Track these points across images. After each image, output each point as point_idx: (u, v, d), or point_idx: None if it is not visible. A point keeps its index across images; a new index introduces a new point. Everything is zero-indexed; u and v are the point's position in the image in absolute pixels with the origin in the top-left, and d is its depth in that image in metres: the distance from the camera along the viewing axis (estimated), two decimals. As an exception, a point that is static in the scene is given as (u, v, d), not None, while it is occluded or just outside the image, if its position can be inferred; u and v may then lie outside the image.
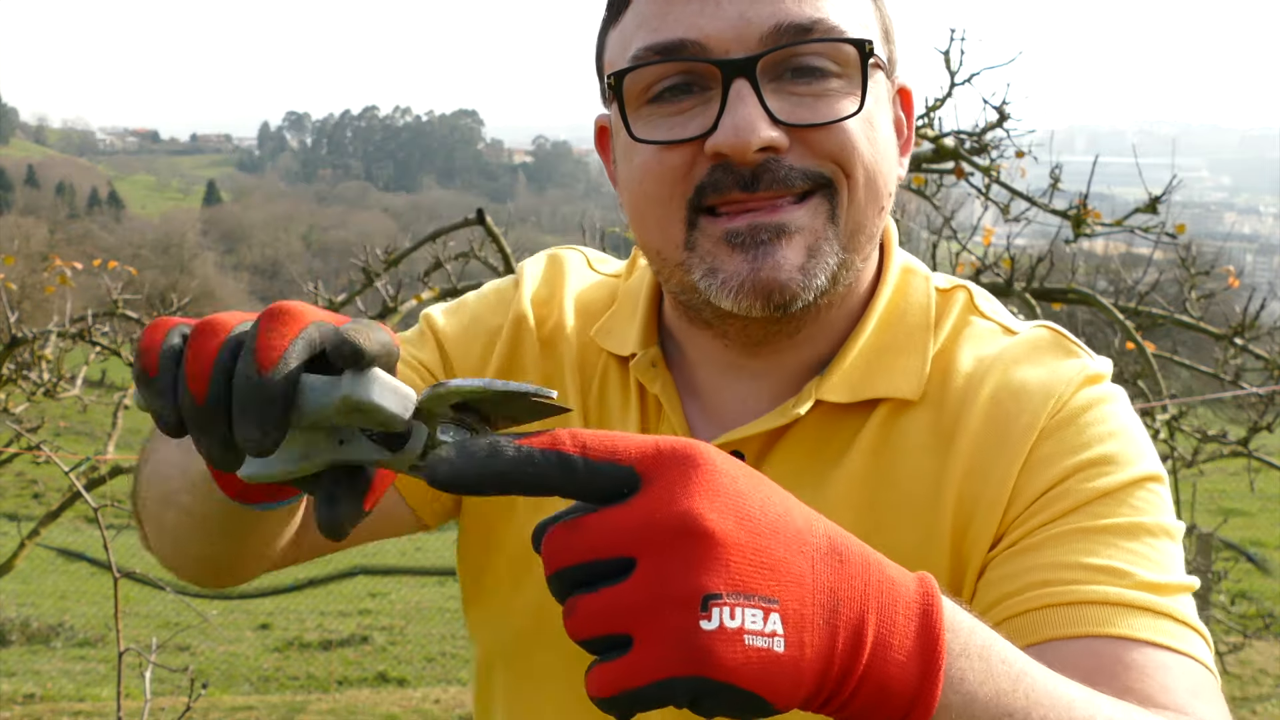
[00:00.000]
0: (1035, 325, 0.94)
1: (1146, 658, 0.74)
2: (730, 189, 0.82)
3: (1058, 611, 0.76)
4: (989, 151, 4.05)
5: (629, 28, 0.86)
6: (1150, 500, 0.82)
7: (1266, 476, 5.27)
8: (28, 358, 4.53)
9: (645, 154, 0.84)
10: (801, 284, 0.82)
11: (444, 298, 4.61)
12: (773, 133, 0.80)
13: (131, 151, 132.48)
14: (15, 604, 9.36)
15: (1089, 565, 0.77)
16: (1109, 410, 0.86)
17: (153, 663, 2.24)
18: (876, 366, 0.89)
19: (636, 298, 0.98)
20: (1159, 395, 4.28)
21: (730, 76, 0.80)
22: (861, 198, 0.84)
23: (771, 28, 0.81)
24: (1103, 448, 0.83)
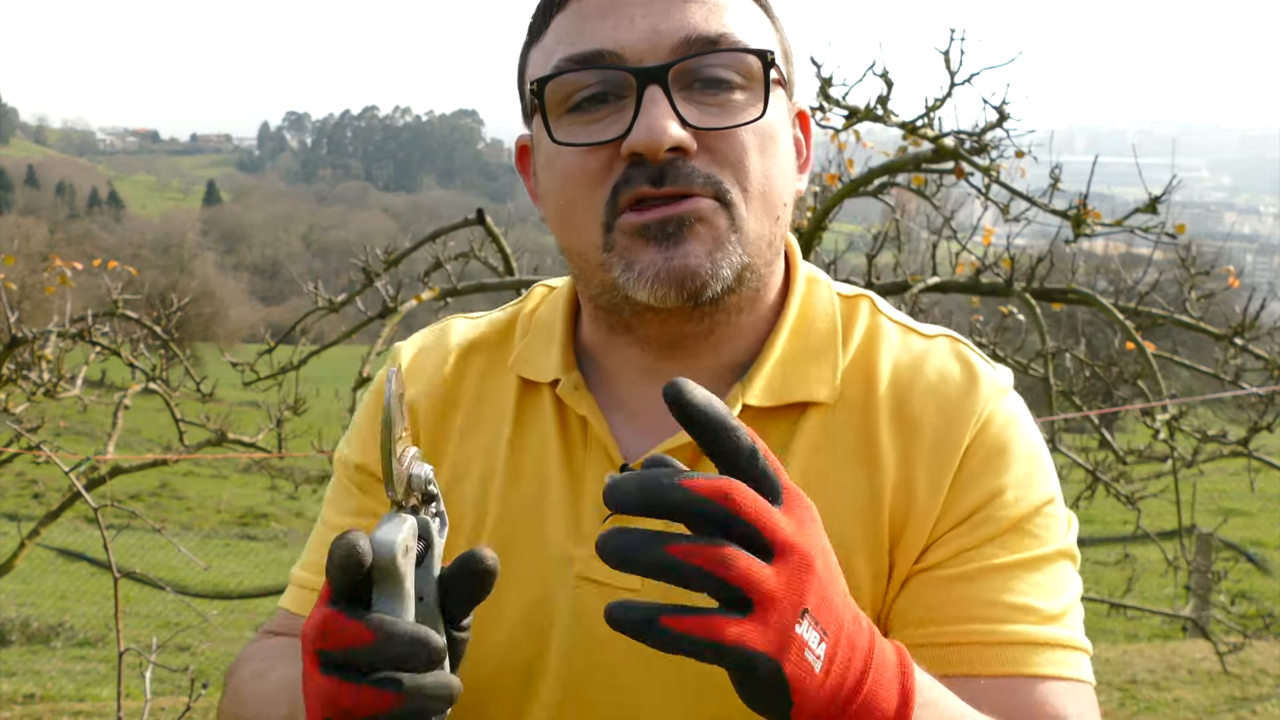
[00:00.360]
0: (939, 333, 1.01)
1: (1051, 692, 0.87)
2: (640, 183, 0.87)
3: (984, 650, 0.88)
4: (989, 151, 4.05)
5: (549, 44, 0.92)
6: (1051, 525, 0.93)
7: (1266, 476, 5.27)
8: (28, 358, 4.52)
9: (566, 159, 0.91)
10: (710, 271, 0.88)
11: (444, 298, 4.61)
12: (682, 133, 0.87)
13: (131, 151, 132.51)
14: (15, 604, 9.35)
15: (1008, 604, 0.88)
16: (1022, 432, 0.95)
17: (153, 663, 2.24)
18: (793, 372, 0.96)
19: (551, 325, 1.04)
20: (1159, 395, 4.28)
21: (644, 83, 0.87)
22: (758, 207, 0.91)
23: (681, 39, 0.88)
24: (1019, 474, 0.92)
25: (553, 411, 1.00)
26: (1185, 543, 4.82)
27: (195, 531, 13.44)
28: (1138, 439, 6.33)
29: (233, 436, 4.68)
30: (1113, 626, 8.88)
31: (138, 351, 4.80)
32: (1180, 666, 6.94)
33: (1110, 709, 6.19)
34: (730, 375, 0.97)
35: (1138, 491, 4.80)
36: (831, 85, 4.01)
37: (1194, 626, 6.79)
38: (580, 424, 0.99)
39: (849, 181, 4.41)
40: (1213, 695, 6.32)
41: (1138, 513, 4.72)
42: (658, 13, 0.89)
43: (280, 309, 37.03)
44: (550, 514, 0.97)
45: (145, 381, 4.71)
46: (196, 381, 4.86)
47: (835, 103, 4.04)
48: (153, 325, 4.68)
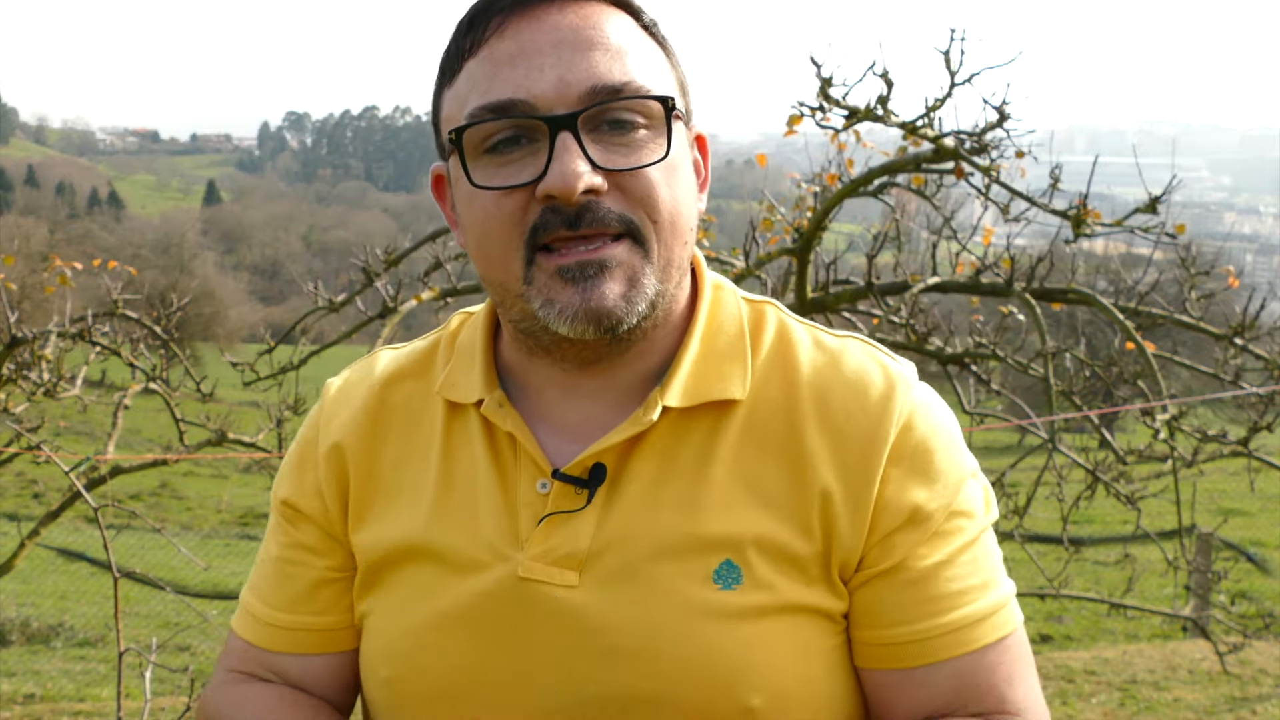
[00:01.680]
0: (846, 334, 1.09)
1: (998, 655, 1.01)
2: (558, 227, 0.94)
3: (942, 639, 0.99)
4: (989, 151, 4.04)
5: (462, 89, 0.98)
6: (973, 499, 1.03)
7: (1266, 476, 5.26)
8: (28, 358, 4.52)
9: (485, 200, 0.97)
10: (625, 310, 0.95)
11: (444, 298, 4.61)
12: (595, 179, 0.93)
13: (131, 151, 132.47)
14: (15, 604, 9.35)
15: (955, 591, 1.00)
16: (939, 424, 1.03)
17: (153, 663, 2.24)
18: (706, 373, 1.02)
19: (471, 349, 1.09)
20: (1159, 395, 4.28)
21: (556, 130, 0.93)
22: (667, 236, 0.97)
23: (588, 89, 0.94)
24: (943, 468, 1.01)
25: (480, 430, 1.06)
26: (1185, 543, 4.81)
27: (195, 531, 13.44)
28: (1138, 439, 6.33)
29: (233, 436, 4.68)
30: (1113, 626, 8.88)
31: (138, 351, 4.79)
32: (1180, 666, 6.94)
33: (1110, 709, 6.19)
34: (646, 384, 1.03)
35: (1138, 491, 4.79)
36: (831, 85, 4.00)
37: (1194, 626, 6.79)
38: (508, 438, 1.05)
39: (849, 181, 4.40)
40: (1213, 695, 6.32)
41: (1138, 513, 4.72)
42: (564, 62, 0.94)
43: (280, 309, 37.03)
44: (484, 524, 1.03)
45: (145, 381, 4.71)
46: (196, 381, 4.85)
47: (835, 103, 4.03)
48: (153, 325, 4.67)
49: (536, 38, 0.95)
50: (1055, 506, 4.99)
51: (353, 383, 1.15)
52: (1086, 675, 6.81)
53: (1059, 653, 7.94)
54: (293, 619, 1.11)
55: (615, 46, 0.96)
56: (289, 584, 1.12)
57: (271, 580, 1.13)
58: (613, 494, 1.00)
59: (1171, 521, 4.69)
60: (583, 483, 1.00)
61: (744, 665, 0.96)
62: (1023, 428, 5.13)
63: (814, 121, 4.14)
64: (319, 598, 1.11)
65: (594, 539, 0.99)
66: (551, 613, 0.98)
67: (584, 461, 1.00)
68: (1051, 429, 4.29)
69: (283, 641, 1.12)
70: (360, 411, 1.12)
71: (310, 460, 1.13)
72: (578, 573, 0.99)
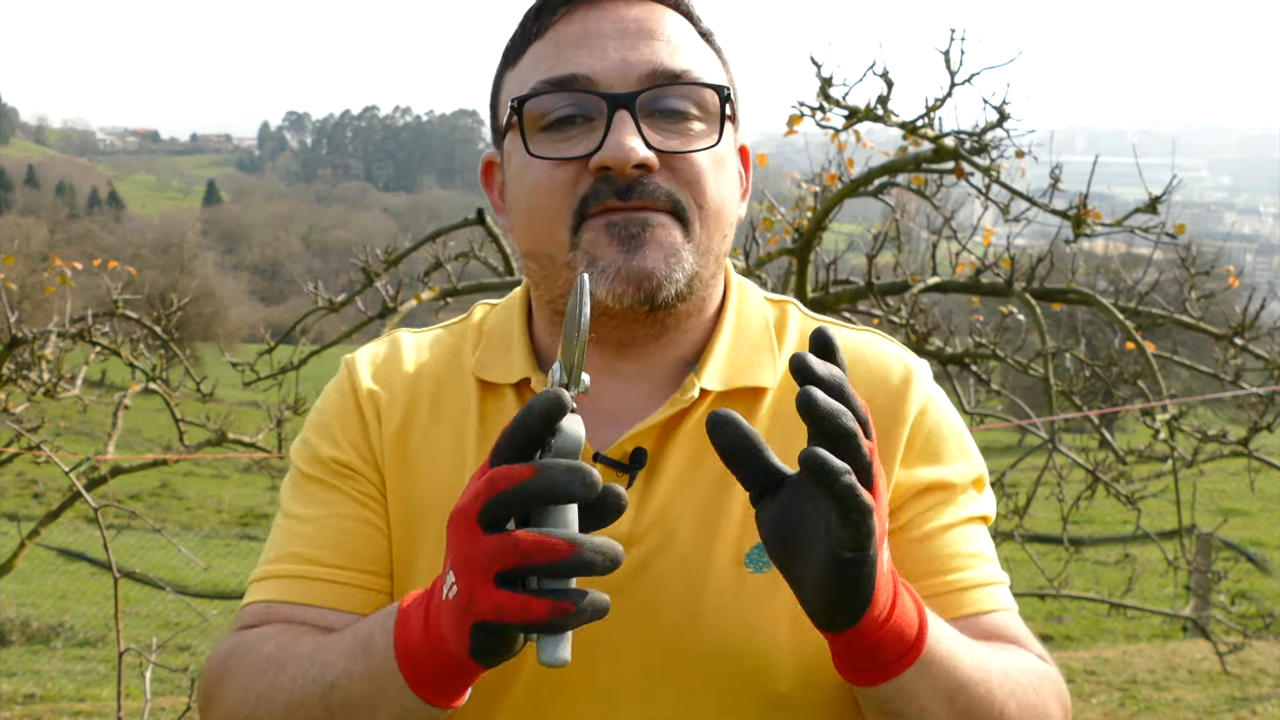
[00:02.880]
0: (865, 329, 1.14)
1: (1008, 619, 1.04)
2: (608, 197, 0.97)
3: (957, 596, 1.02)
4: (989, 151, 4.04)
5: (525, 69, 1.02)
6: (979, 497, 1.09)
7: (1266, 476, 5.26)
8: (28, 358, 4.52)
9: (539, 171, 1.00)
10: (665, 274, 0.98)
11: (444, 298, 4.61)
12: (648, 152, 0.97)
13: (131, 151, 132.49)
14: (15, 604, 9.35)
15: (966, 553, 1.04)
16: (952, 417, 1.09)
17: (153, 663, 2.24)
18: (737, 361, 1.07)
19: (507, 331, 1.11)
20: (1159, 395, 4.28)
21: (614, 107, 0.97)
22: (711, 223, 1.01)
23: (648, 72, 0.98)
24: (955, 454, 1.07)
25: (517, 409, 1.04)
26: (1185, 543, 4.81)
27: (195, 531, 13.44)
28: (1138, 439, 6.33)
29: (233, 436, 4.68)
30: (1113, 626, 8.88)
31: (138, 351, 4.79)
32: (1180, 666, 6.94)
33: (1110, 709, 6.19)
34: (680, 368, 1.07)
35: (1138, 491, 4.79)
36: (831, 85, 4.00)
37: (1194, 626, 6.78)
38: None
39: (849, 181, 4.41)
40: (1213, 695, 6.32)
41: (1138, 513, 4.72)
42: (628, 46, 0.99)
43: (280, 309, 37.02)
44: None
45: (145, 381, 4.71)
46: (196, 381, 4.85)
47: (835, 103, 4.03)
48: (153, 325, 4.67)
49: (602, 25, 1.00)
50: (1055, 506, 4.99)
51: (378, 353, 1.15)
52: (1086, 675, 6.81)
53: (1059, 653, 7.94)
54: (325, 570, 1.04)
55: (676, 40, 1.01)
56: (324, 535, 1.06)
57: (298, 536, 1.07)
58: (651, 478, 1.02)
59: (1171, 521, 4.69)
60: (623, 467, 1.02)
61: (771, 649, 0.98)
62: (1023, 428, 5.13)
63: (814, 121, 4.15)
64: (362, 548, 1.05)
65: (634, 522, 1.00)
66: None
67: (624, 445, 1.02)
68: (1051, 429, 4.29)
69: (309, 592, 1.04)
70: (391, 378, 1.11)
71: (350, 411, 1.10)
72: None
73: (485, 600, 0.74)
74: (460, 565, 0.76)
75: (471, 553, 0.75)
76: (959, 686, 0.90)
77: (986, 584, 1.04)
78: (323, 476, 1.09)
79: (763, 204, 4.88)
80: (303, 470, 1.11)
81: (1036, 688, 0.98)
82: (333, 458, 1.09)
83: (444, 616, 0.79)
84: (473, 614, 0.75)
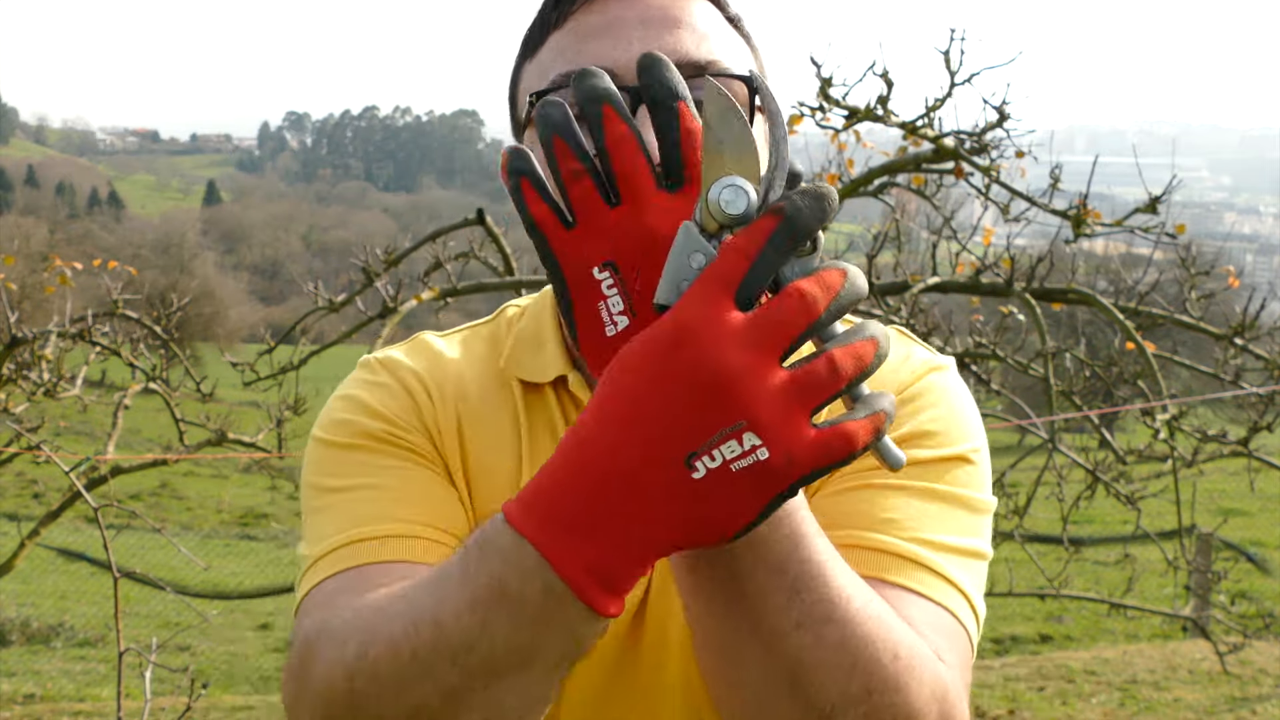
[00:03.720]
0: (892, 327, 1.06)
1: (898, 599, 0.85)
2: None
3: (853, 553, 0.85)
4: (989, 151, 4.05)
5: (545, 60, 0.97)
6: (959, 475, 0.95)
7: (1266, 476, 5.26)
8: (28, 358, 4.52)
9: None
10: None
11: (444, 298, 4.61)
12: None
13: (131, 151, 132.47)
14: (15, 604, 9.35)
15: (878, 517, 0.90)
16: (945, 392, 0.99)
17: (153, 663, 2.24)
18: None
19: (538, 332, 1.07)
20: (1159, 395, 4.28)
21: (637, 102, 0.89)
22: None
23: (674, 59, 0.92)
24: (931, 424, 0.96)
25: (558, 407, 1.04)
26: (1185, 543, 4.82)
27: (195, 531, 13.44)
28: (1138, 439, 6.33)
29: (233, 436, 4.68)
30: (1113, 626, 8.88)
31: (138, 351, 4.79)
32: (1180, 666, 6.94)
33: (1110, 709, 6.19)
34: None
35: (1138, 491, 4.79)
36: (831, 85, 4.01)
37: (1194, 626, 6.78)
38: None
39: (849, 181, 4.41)
40: (1213, 695, 6.32)
41: (1138, 513, 4.72)
42: (651, 36, 0.93)
43: (280, 309, 37.02)
44: None
45: (145, 381, 4.71)
46: (196, 381, 4.85)
47: (835, 103, 4.03)
48: (153, 325, 4.68)
49: (624, 13, 0.95)
50: (1055, 506, 4.99)
51: (411, 352, 1.08)
52: (1086, 675, 6.81)
53: (1059, 653, 7.95)
54: (407, 526, 0.93)
55: (702, 29, 0.96)
56: (393, 494, 0.95)
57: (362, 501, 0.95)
58: None
59: (1171, 521, 4.69)
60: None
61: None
62: (1023, 428, 5.13)
63: (814, 121, 4.15)
64: (441, 507, 0.96)
65: None
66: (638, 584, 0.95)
67: None
68: (1051, 429, 4.29)
69: (395, 549, 0.91)
70: (434, 372, 1.06)
71: (398, 393, 1.03)
72: None
73: (807, 450, 0.65)
74: (764, 418, 0.64)
75: (777, 398, 0.64)
76: (810, 583, 0.73)
77: (892, 554, 0.88)
78: (378, 446, 1.00)
79: (763, 204, 4.88)
80: (345, 443, 1.00)
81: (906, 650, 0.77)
82: (386, 431, 1.00)
83: (733, 489, 0.65)
84: (793, 472, 0.65)
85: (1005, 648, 8.58)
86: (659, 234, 0.72)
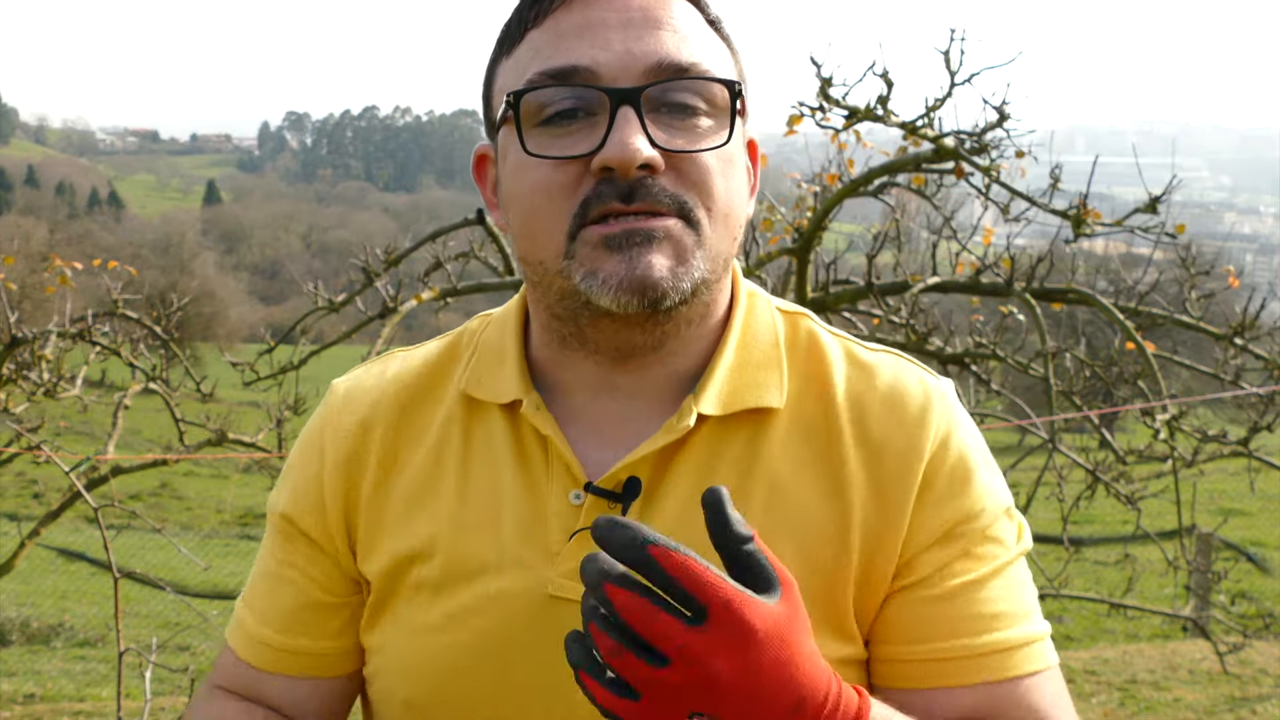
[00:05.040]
0: (879, 348, 1.06)
1: (1027, 689, 0.95)
2: (611, 199, 0.90)
3: (967, 663, 0.94)
4: (989, 151, 4.04)
5: (523, 58, 0.95)
6: (1009, 530, 1.00)
7: (1266, 476, 5.27)
8: (28, 358, 4.52)
9: (537, 171, 0.93)
10: (671, 284, 0.91)
11: (444, 298, 4.61)
12: (653, 152, 0.90)
13: (131, 151, 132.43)
14: (15, 604, 9.36)
15: (987, 614, 0.95)
16: (976, 446, 1.01)
17: (153, 663, 2.24)
18: (741, 381, 0.99)
19: (500, 348, 1.05)
20: (1159, 395, 4.28)
21: (617, 103, 0.90)
22: (720, 226, 0.95)
23: (654, 64, 0.91)
24: (980, 490, 0.98)
25: (505, 432, 1.02)
26: (1185, 543, 4.81)
27: (195, 531, 13.45)
28: (1138, 439, 6.33)
29: (233, 436, 4.68)
30: (1113, 626, 8.88)
31: (138, 351, 4.79)
32: (1180, 666, 6.94)
33: (1110, 709, 6.19)
34: (681, 385, 1.00)
35: (1138, 491, 4.79)
36: (831, 85, 4.01)
37: (1194, 626, 6.78)
38: (539, 443, 1.00)
39: (849, 181, 4.41)
40: (1213, 695, 6.32)
41: (1138, 513, 4.72)
42: (632, 37, 0.92)
43: (280, 309, 37.00)
44: (508, 534, 0.99)
45: (145, 381, 4.71)
46: (196, 381, 4.85)
47: (835, 103, 4.03)
48: (153, 325, 4.68)
49: (604, 14, 0.93)
50: (1055, 506, 4.98)
51: (364, 388, 1.09)
52: (1086, 675, 6.81)
53: (1059, 653, 7.93)
54: (283, 639, 1.07)
55: (683, 30, 0.94)
56: (282, 601, 1.08)
57: (265, 595, 1.09)
58: (648, 508, 0.97)
59: (1171, 521, 4.69)
60: (617, 497, 0.97)
61: None
62: (1023, 428, 5.13)
63: (814, 121, 4.15)
64: (312, 620, 1.07)
65: None
66: None
67: (618, 474, 0.97)
68: (1051, 429, 4.29)
69: (271, 660, 1.08)
70: (372, 418, 1.07)
71: (314, 474, 1.07)
72: None
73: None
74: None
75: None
76: None
77: (1013, 647, 0.95)
78: (275, 529, 1.10)
79: (763, 204, 4.89)
80: (273, 510, 1.10)
81: None
82: (282, 514, 1.09)
83: None
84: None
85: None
86: (712, 672, 0.75)
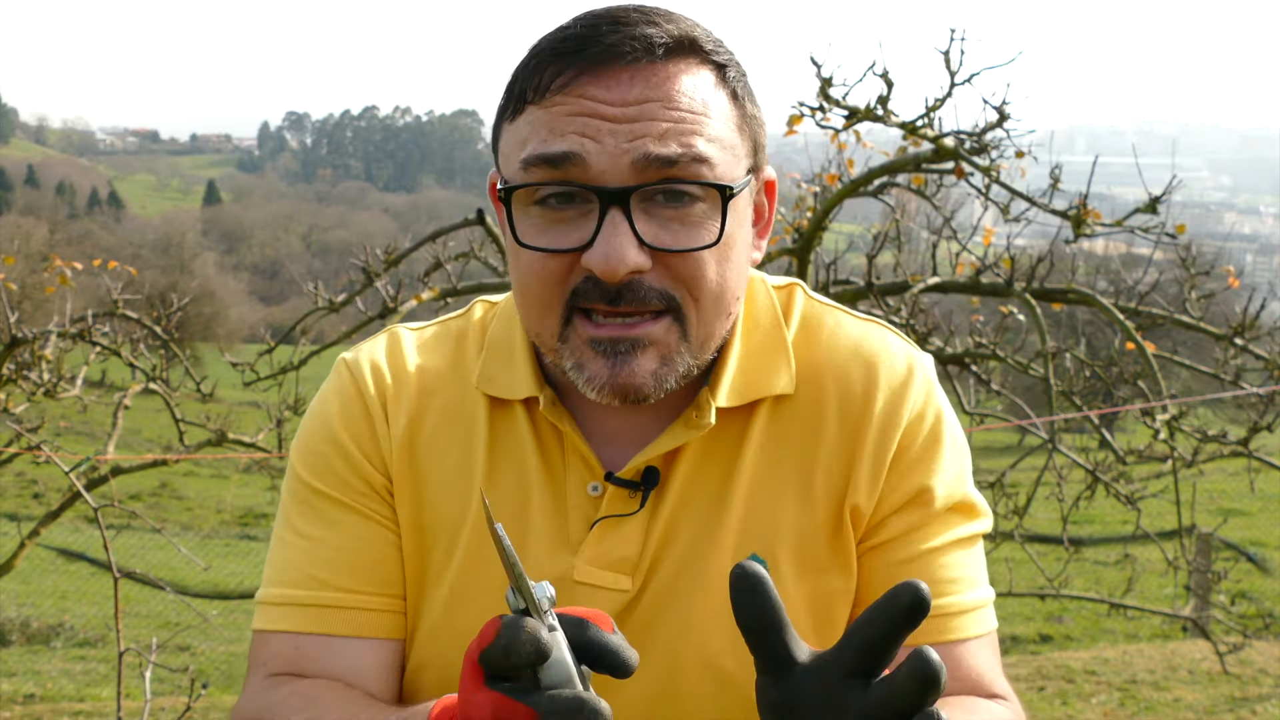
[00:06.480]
0: (868, 318, 1.10)
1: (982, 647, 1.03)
2: (597, 299, 0.94)
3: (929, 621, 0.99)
4: (989, 151, 4.05)
5: (523, 130, 0.96)
6: (974, 501, 1.06)
7: (1266, 476, 5.27)
8: (28, 358, 4.52)
9: (529, 257, 0.96)
10: (653, 387, 0.95)
11: (444, 298, 4.61)
12: (640, 258, 0.92)
13: (131, 151, 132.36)
14: (15, 604, 9.35)
15: (947, 579, 1.02)
16: (949, 421, 1.06)
17: (153, 663, 2.24)
18: (752, 370, 1.04)
19: (509, 344, 1.07)
20: (1159, 395, 4.28)
21: (606, 205, 0.92)
22: (709, 314, 0.97)
23: (641, 158, 0.92)
24: (949, 463, 1.04)
25: (527, 427, 1.05)
26: (1185, 543, 4.82)
27: (195, 531, 13.45)
28: (1138, 439, 6.33)
29: (233, 436, 4.68)
30: (1113, 626, 8.88)
31: (138, 351, 4.79)
32: (1180, 666, 6.94)
33: (1110, 709, 6.19)
34: (689, 385, 1.02)
35: (1138, 491, 4.80)
36: (831, 85, 4.01)
37: (1194, 626, 6.78)
38: (556, 437, 1.05)
39: (849, 181, 4.41)
40: (1213, 695, 6.32)
41: (1138, 513, 4.72)
42: (623, 133, 0.92)
43: (280, 309, 36.99)
44: (533, 525, 1.02)
45: (145, 381, 4.71)
46: (196, 381, 4.86)
47: (835, 103, 4.03)
48: (153, 325, 4.68)
49: (597, 105, 0.92)
50: (1055, 506, 4.99)
51: (378, 355, 1.10)
52: (1086, 675, 6.81)
53: (1059, 653, 7.94)
54: (352, 597, 1.04)
55: (683, 115, 0.93)
56: (346, 558, 1.04)
57: (318, 559, 1.05)
58: (661, 496, 1.02)
59: (1171, 521, 4.69)
60: (635, 485, 1.01)
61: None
62: (1023, 428, 5.13)
63: (814, 121, 4.15)
64: (382, 570, 1.05)
65: (646, 542, 1.01)
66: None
67: (637, 465, 1.01)
68: (1051, 429, 4.29)
69: (339, 622, 1.03)
70: (396, 379, 1.08)
71: (359, 417, 1.07)
72: (631, 576, 1.01)
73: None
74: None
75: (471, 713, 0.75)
76: None
77: (970, 609, 1.04)
78: (336, 494, 1.07)
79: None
80: (311, 484, 1.07)
81: None
82: (344, 476, 1.06)
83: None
84: None
85: (1005, 648, 8.58)
86: None
